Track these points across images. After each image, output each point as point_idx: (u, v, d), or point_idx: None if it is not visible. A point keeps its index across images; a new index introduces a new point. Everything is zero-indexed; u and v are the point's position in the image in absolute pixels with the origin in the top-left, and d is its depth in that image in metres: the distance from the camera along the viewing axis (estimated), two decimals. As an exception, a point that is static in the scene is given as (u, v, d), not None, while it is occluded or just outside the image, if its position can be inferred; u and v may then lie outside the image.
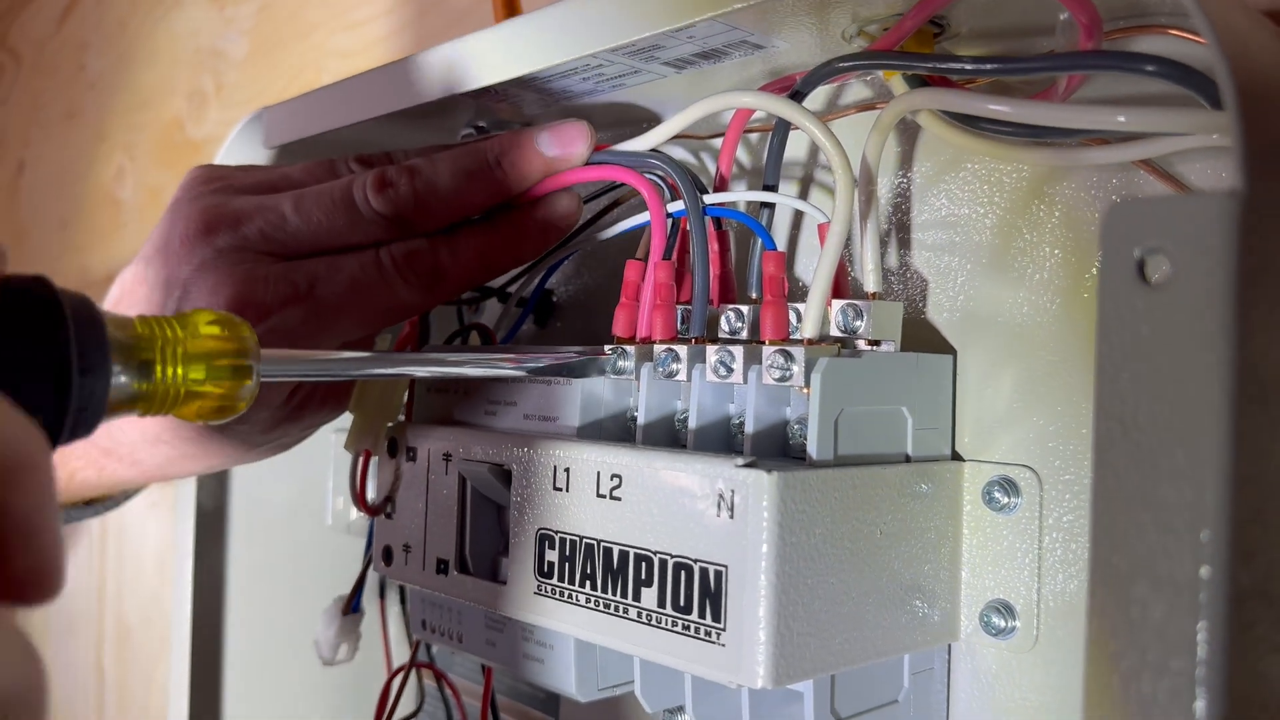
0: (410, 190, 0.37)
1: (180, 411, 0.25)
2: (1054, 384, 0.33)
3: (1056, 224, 0.33)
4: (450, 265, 0.38)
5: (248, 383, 0.25)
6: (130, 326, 0.24)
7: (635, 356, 0.35)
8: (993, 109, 0.28)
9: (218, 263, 0.36)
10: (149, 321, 0.24)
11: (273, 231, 0.36)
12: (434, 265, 0.37)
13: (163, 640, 0.83)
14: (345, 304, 0.37)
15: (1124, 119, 0.25)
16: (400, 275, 0.37)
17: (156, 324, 0.24)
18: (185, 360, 0.24)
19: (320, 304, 0.36)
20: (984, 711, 0.34)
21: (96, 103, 1.00)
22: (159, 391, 0.24)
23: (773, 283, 0.33)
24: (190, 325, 0.25)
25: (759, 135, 0.40)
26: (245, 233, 0.36)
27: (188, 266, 0.36)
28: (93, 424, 0.23)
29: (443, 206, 0.37)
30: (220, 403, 0.25)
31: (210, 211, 0.37)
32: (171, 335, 0.24)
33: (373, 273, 0.37)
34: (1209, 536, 0.19)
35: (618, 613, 0.32)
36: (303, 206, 0.37)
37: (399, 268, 0.37)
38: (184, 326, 0.25)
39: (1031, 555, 0.33)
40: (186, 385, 0.24)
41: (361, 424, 0.43)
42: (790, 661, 0.28)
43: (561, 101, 0.41)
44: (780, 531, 0.28)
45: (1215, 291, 0.19)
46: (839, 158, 0.31)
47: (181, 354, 0.24)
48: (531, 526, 0.35)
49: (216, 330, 0.25)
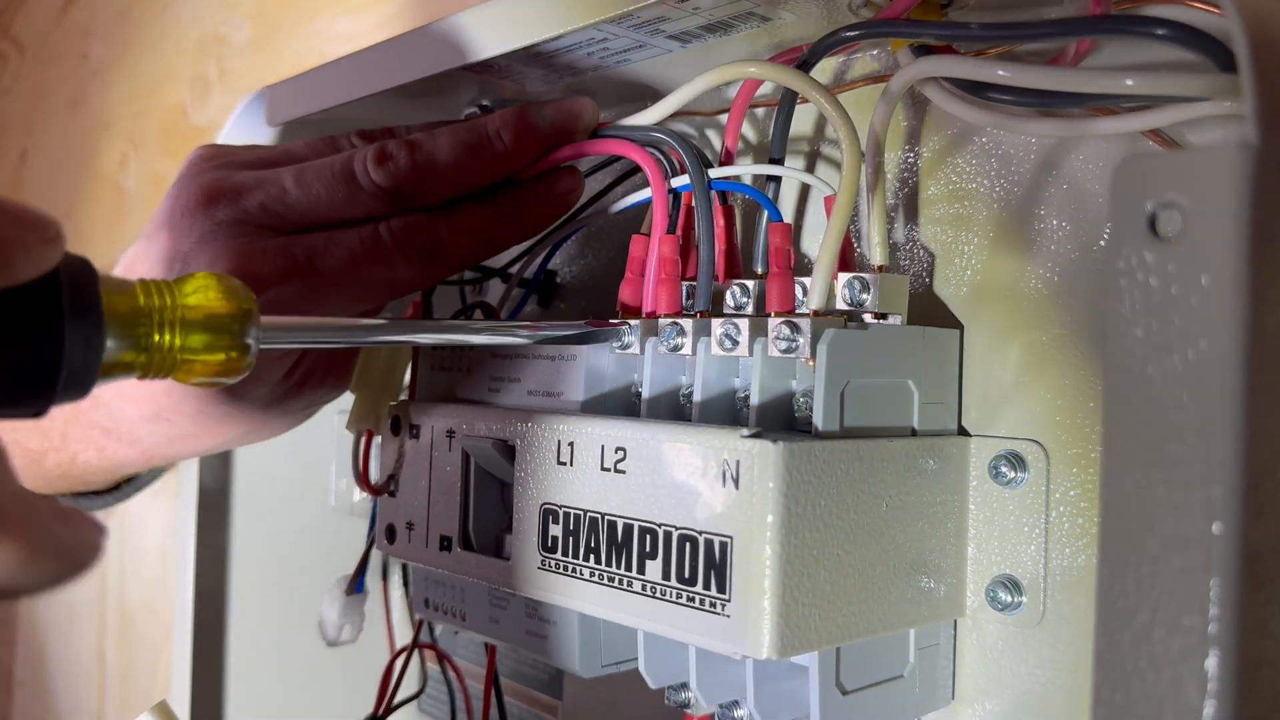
0: (410, 163, 0.36)
1: (180, 375, 0.24)
2: (1061, 358, 0.32)
3: (1064, 196, 0.32)
4: (449, 240, 0.38)
5: (248, 346, 0.25)
6: (129, 288, 0.24)
7: (640, 331, 0.35)
8: (1001, 75, 0.28)
9: (217, 235, 0.36)
10: (148, 285, 0.24)
11: (272, 204, 0.36)
12: (433, 240, 0.37)
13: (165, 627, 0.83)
14: (343, 278, 0.36)
15: (1132, 83, 0.25)
16: (399, 249, 0.37)
17: (155, 287, 0.24)
18: (184, 324, 0.24)
19: (318, 278, 0.36)
20: (990, 687, 0.34)
21: (100, 91, 1.00)
22: (156, 353, 0.24)
23: (778, 254, 0.32)
24: (189, 288, 0.24)
25: (765, 110, 0.40)
26: (245, 205, 0.36)
27: (188, 240, 0.36)
28: (87, 383, 0.22)
29: (442, 180, 0.37)
30: (220, 366, 0.24)
31: (211, 186, 0.37)
32: (171, 298, 0.24)
33: (371, 247, 0.37)
34: (1220, 493, 0.18)
35: (622, 586, 0.32)
36: (303, 180, 0.37)
37: (398, 242, 0.37)
38: (182, 289, 0.24)
39: (1038, 530, 0.32)
40: (185, 347, 0.24)
41: (363, 403, 0.43)
42: (795, 633, 0.28)
43: (566, 78, 0.41)
44: (786, 502, 0.28)
45: (1228, 245, 0.19)
46: (845, 127, 0.31)
47: (180, 316, 0.24)
48: (535, 501, 0.35)
49: (215, 296, 0.25)
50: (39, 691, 1.03)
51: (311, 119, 0.47)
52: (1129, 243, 0.20)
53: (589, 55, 0.38)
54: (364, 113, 0.46)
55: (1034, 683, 0.33)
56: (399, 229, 0.37)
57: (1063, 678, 0.32)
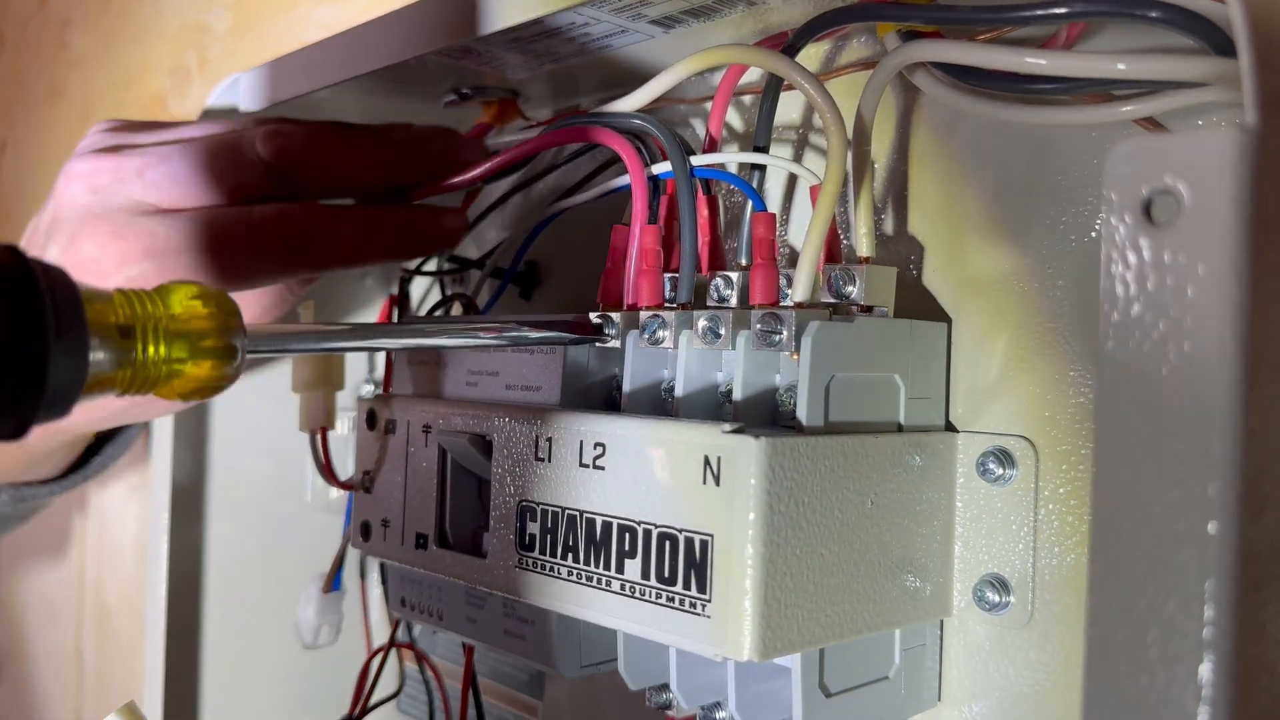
0: (300, 144, 0.36)
1: (161, 391, 0.23)
2: (1051, 353, 0.32)
3: (1055, 187, 0.32)
4: (321, 237, 0.37)
5: (233, 361, 0.24)
6: (109, 302, 0.22)
7: (621, 324, 0.34)
8: (990, 58, 0.27)
9: (93, 207, 0.36)
10: (129, 296, 0.23)
11: (150, 172, 0.36)
12: (304, 233, 0.37)
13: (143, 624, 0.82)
14: (205, 259, 0.36)
15: (1124, 66, 0.24)
16: (266, 235, 0.36)
17: (137, 299, 0.23)
18: (168, 338, 0.23)
19: (179, 256, 0.36)
20: (977, 688, 0.33)
21: (80, 81, 0.98)
22: (139, 371, 0.22)
23: (763, 245, 0.32)
24: (171, 300, 0.23)
25: (751, 99, 0.39)
26: (123, 174, 0.36)
27: (68, 209, 0.37)
28: (68, 405, 0.21)
29: (328, 171, 0.37)
30: (203, 383, 0.23)
31: (97, 156, 0.37)
32: (153, 311, 0.23)
33: (238, 229, 0.36)
34: (1217, 490, 0.18)
35: (601, 586, 0.31)
36: (188, 151, 0.37)
37: (268, 226, 0.36)
38: (165, 302, 0.23)
39: (1027, 528, 0.32)
40: (168, 364, 0.23)
41: (311, 402, 0.42)
42: (777, 634, 0.27)
43: (547, 64, 0.40)
44: (768, 499, 0.27)
45: (1227, 233, 0.18)
46: (831, 113, 0.30)
47: (164, 331, 0.23)
48: (513, 499, 0.34)
49: (199, 306, 0.24)
50: (16, 688, 1.02)
51: (286, 105, 0.45)
52: (1123, 230, 0.19)
53: (570, 40, 0.37)
54: (342, 101, 0.45)
55: (1022, 684, 0.32)
56: (271, 214, 0.36)
57: (1051, 679, 0.31)
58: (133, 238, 0.35)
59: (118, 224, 0.36)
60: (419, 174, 0.39)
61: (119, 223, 0.36)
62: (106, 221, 0.36)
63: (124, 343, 0.22)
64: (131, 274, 0.35)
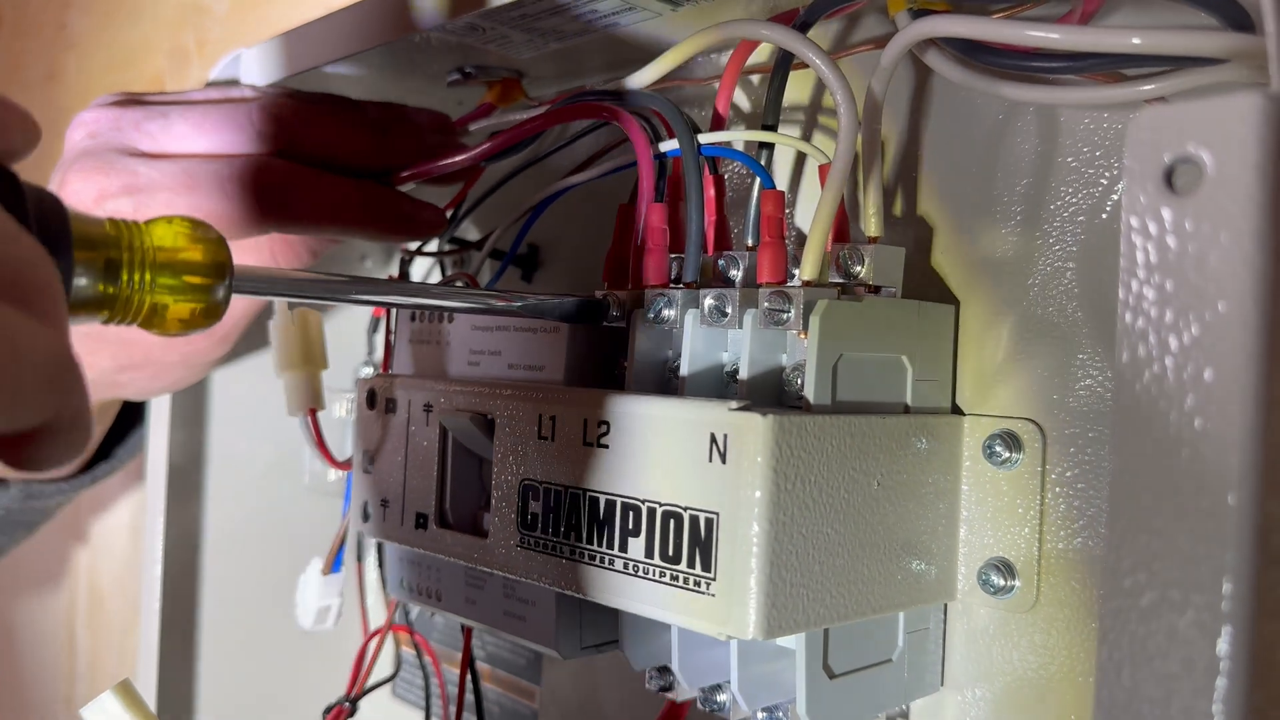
0: (293, 113, 0.37)
1: (149, 323, 0.23)
2: (1060, 336, 0.31)
3: (1067, 168, 0.31)
4: (299, 196, 0.37)
5: (218, 293, 0.24)
6: (99, 225, 0.22)
7: (626, 302, 0.33)
8: (1003, 32, 0.27)
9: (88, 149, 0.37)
10: (117, 223, 0.23)
11: (148, 123, 0.37)
12: (282, 187, 0.37)
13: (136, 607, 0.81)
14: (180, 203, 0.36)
15: (1139, 41, 0.24)
16: (243, 184, 0.36)
17: (125, 226, 0.23)
18: (154, 266, 0.23)
19: (156, 195, 0.36)
20: (979, 673, 0.33)
21: (78, 63, 0.98)
22: (124, 296, 0.22)
23: (771, 223, 0.31)
24: (160, 231, 0.23)
25: (760, 78, 0.39)
26: (121, 124, 0.37)
27: (68, 152, 0.38)
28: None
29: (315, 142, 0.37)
30: (190, 313, 0.23)
31: (103, 108, 0.38)
32: (141, 238, 0.23)
33: (218, 176, 0.36)
34: (1237, 462, 0.17)
35: (604, 564, 0.31)
36: (188, 109, 0.38)
37: (245, 176, 0.36)
38: (154, 233, 0.23)
39: (1033, 512, 0.31)
40: (154, 293, 0.23)
41: (299, 383, 0.42)
42: (781, 613, 0.27)
43: (552, 43, 0.40)
44: (774, 477, 0.27)
45: (1250, 201, 0.17)
46: (842, 89, 0.29)
47: (150, 260, 0.23)
48: (515, 477, 0.33)
49: (186, 236, 0.23)
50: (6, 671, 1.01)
51: (288, 82, 0.45)
52: (1144, 198, 0.19)
53: (576, 17, 0.37)
54: (346, 80, 0.45)
55: (1025, 669, 0.32)
56: (251, 164, 0.37)
57: (1055, 664, 0.31)
58: (115, 175, 0.36)
59: (104, 162, 0.37)
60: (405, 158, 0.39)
61: (106, 161, 0.37)
62: (95, 159, 0.37)
63: (110, 265, 0.22)
64: (109, 209, 0.36)
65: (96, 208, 0.36)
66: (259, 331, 0.46)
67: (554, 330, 0.35)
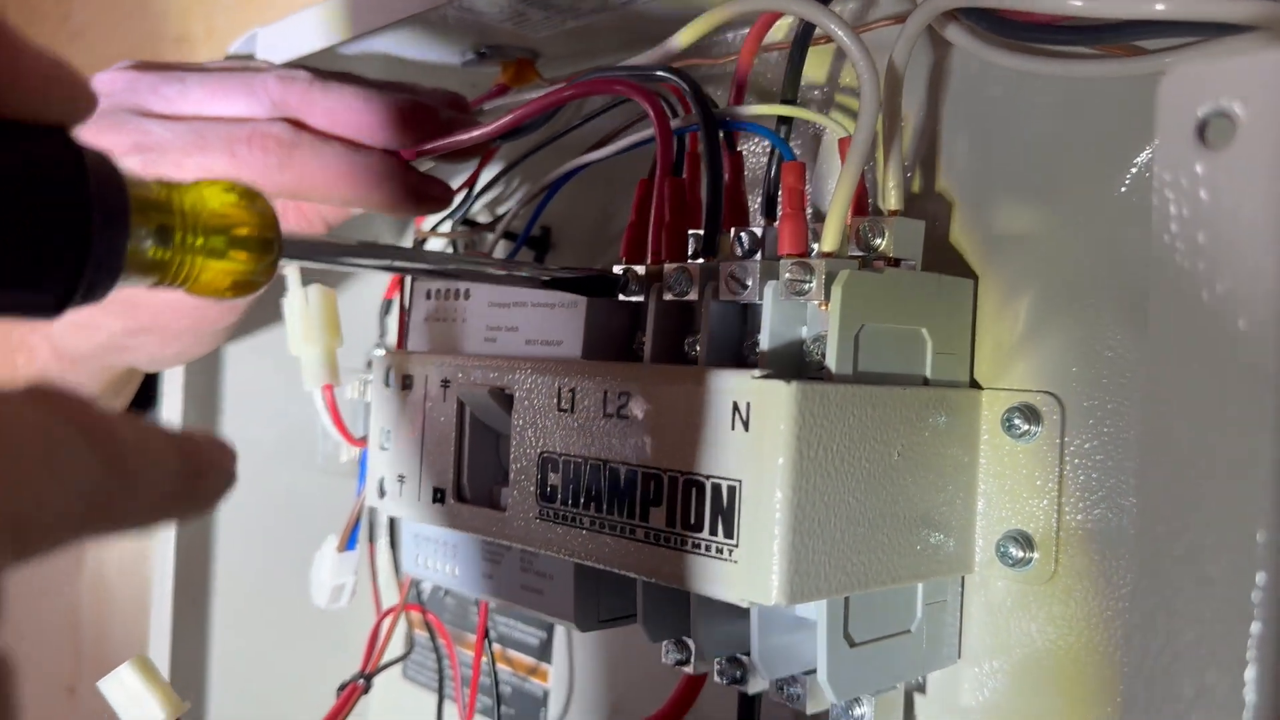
0: (305, 87, 0.37)
1: (196, 285, 0.23)
2: (1079, 309, 0.31)
3: (1084, 141, 0.32)
4: (305, 159, 0.37)
5: (269, 255, 0.24)
6: (149, 187, 0.22)
7: (644, 278, 0.34)
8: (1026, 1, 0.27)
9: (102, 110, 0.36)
10: (166, 185, 0.23)
11: (164, 87, 0.38)
12: (289, 150, 0.37)
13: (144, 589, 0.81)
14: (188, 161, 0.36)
15: (1163, 7, 0.24)
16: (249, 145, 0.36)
17: (174, 189, 0.23)
18: (205, 229, 0.23)
19: (165, 154, 0.36)
20: (997, 645, 0.33)
21: (82, 53, 0.98)
22: (177, 258, 0.22)
23: (792, 195, 0.31)
24: (208, 193, 0.23)
25: (778, 55, 0.39)
26: (138, 86, 0.38)
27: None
28: (109, 285, 0.21)
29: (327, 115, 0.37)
30: (238, 277, 0.23)
31: (122, 70, 0.39)
32: (192, 201, 0.23)
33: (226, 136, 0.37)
34: (1273, 413, 0.18)
35: (624, 534, 0.31)
36: (205, 76, 0.38)
37: (253, 139, 0.37)
38: (201, 194, 0.23)
39: (1051, 484, 0.32)
40: (209, 250, 0.23)
41: (316, 358, 0.42)
42: (804, 580, 0.27)
43: (569, 21, 0.40)
44: (798, 444, 0.27)
45: (1284, 153, 0.18)
46: (864, 61, 0.30)
47: (202, 222, 0.23)
48: (534, 450, 0.34)
49: (234, 200, 0.24)
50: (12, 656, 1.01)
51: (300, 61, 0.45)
52: (1177, 153, 0.19)
53: (595, -6, 0.37)
54: (360, 61, 0.45)
55: (1043, 641, 0.32)
56: (260, 128, 0.37)
57: (1074, 635, 0.31)
58: (125, 133, 0.37)
59: (116, 120, 0.37)
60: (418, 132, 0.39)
61: (118, 119, 0.37)
62: (107, 118, 0.37)
63: (163, 227, 0.22)
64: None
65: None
66: (273, 311, 0.46)
67: (572, 305, 0.35)
